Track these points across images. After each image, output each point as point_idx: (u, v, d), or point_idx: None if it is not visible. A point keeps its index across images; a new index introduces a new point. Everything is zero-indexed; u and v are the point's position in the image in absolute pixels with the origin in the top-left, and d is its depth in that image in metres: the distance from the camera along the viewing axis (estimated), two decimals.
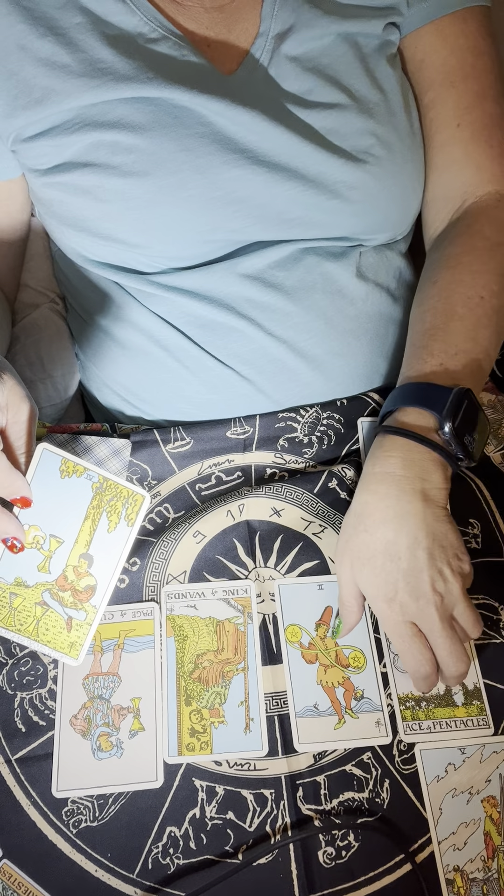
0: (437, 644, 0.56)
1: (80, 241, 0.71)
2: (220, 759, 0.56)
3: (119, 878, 0.53)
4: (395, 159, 0.69)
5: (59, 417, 0.83)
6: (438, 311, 0.66)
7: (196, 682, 0.59)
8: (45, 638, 0.56)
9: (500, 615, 0.62)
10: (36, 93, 0.64)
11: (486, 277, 0.66)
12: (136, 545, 0.64)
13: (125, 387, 0.77)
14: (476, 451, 0.61)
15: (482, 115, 0.71)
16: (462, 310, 0.65)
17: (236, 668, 0.59)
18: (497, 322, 0.66)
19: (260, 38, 0.68)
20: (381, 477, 0.59)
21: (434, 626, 0.55)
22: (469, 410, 0.60)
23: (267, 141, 0.65)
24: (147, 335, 0.73)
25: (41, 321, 0.82)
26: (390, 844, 0.54)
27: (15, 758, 0.56)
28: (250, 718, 0.57)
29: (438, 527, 0.57)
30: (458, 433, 0.58)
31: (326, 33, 0.67)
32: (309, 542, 0.65)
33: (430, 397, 0.60)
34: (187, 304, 0.70)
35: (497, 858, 0.54)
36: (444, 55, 0.71)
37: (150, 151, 0.64)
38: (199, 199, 0.65)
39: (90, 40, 0.65)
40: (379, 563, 0.56)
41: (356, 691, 0.59)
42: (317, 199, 0.66)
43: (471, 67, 0.71)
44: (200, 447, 0.69)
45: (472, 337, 0.64)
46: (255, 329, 0.70)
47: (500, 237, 0.69)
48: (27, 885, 0.53)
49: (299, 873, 0.53)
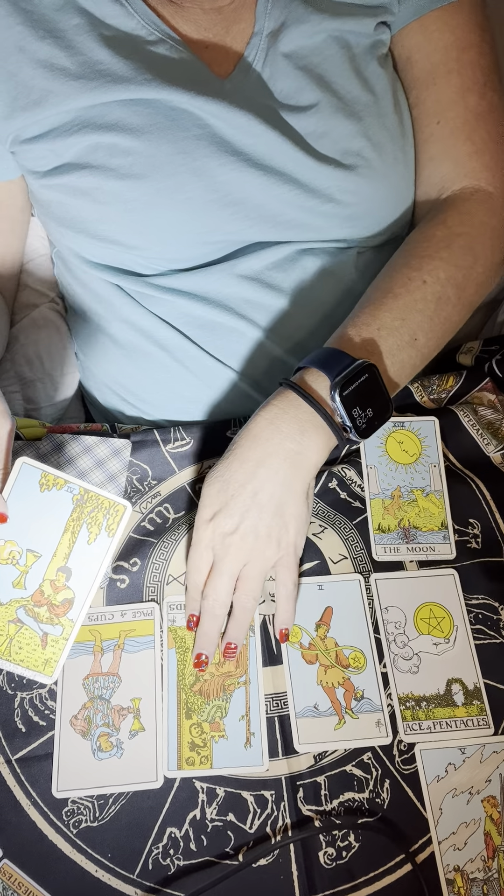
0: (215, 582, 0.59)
1: (78, 242, 0.71)
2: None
3: (119, 879, 0.53)
4: (387, 160, 0.68)
5: (59, 417, 0.83)
6: (379, 288, 0.66)
7: (197, 695, 0.58)
8: (19, 657, 0.55)
9: (500, 615, 0.62)
10: (34, 94, 0.64)
11: (435, 264, 0.66)
12: (136, 545, 0.64)
13: (125, 387, 0.77)
14: (367, 429, 0.60)
15: (464, 110, 0.70)
16: (400, 289, 0.64)
17: (237, 682, 0.59)
18: (435, 310, 0.64)
19: (255, 37, 0.68)
20: (261, 423, 0.59)
21: (226, 566, 0.58)
22: (368, 385, 0.59)
23: (262, 144, 0.65)
24: (146, 335, 0.73)
25: (41, 321, 0.82)
26: (391, 845, 0.54)
27: (15, 758, 0.56)
28: (251, 733, 0.57)
29: (284, 492, 0.58)
30: (346, 403, 0.58)
31: (318, 31, 0.67)
32: (309, 543, 0.65)
33: (330, 362, 0.59)
34: (186, 305, 0.70)
35: (497, 858, 0.54)
36: (427, 52, 0.70)
37: (147, 154, 0.64)
38: (197, 201, 0.65)
39: (88, 42, 0.65)
40: (217, 487, 0.59)
41: (356, 692, 0.59)
42: (311, 203, 0.66)
43: (455, 62, 0.70)
44: (200, 447, 0.69)
45: (402, 317, 0.63)
46: (255, 329, 0.70)
47: (461, 228, 0.68)
48: (27, 885, 0.53)
49: (300, 874, 0.53)
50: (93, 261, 0.72)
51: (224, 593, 0.59)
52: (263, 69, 0.67)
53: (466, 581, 0.64)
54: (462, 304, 0.66)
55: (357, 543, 0.65)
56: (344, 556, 0.64)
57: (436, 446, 0.70)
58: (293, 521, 0.59)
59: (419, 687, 0.59)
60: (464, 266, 0.66)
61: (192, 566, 0.60)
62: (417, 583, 0.64)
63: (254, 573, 0.59)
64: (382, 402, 0.61)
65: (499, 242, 0.70)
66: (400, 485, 0.68)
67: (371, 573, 0.64)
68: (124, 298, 0.72)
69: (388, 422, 0.70)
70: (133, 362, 0.75)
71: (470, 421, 0.72)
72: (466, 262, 0.67)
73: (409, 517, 0.67)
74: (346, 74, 0.67)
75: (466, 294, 0.67)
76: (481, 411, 0.73)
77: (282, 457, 0.58)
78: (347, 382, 0.58)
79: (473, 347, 0.82)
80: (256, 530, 0.58)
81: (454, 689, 0.59)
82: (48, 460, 0.66)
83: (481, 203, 0.70)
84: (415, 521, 0.66)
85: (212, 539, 0.59)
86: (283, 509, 0.58)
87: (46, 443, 0.67)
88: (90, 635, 0.60)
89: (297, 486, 0.59)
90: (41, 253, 0.83)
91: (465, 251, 0.67)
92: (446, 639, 0.61)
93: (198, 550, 0.60)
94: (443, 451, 0.70)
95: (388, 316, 0.63)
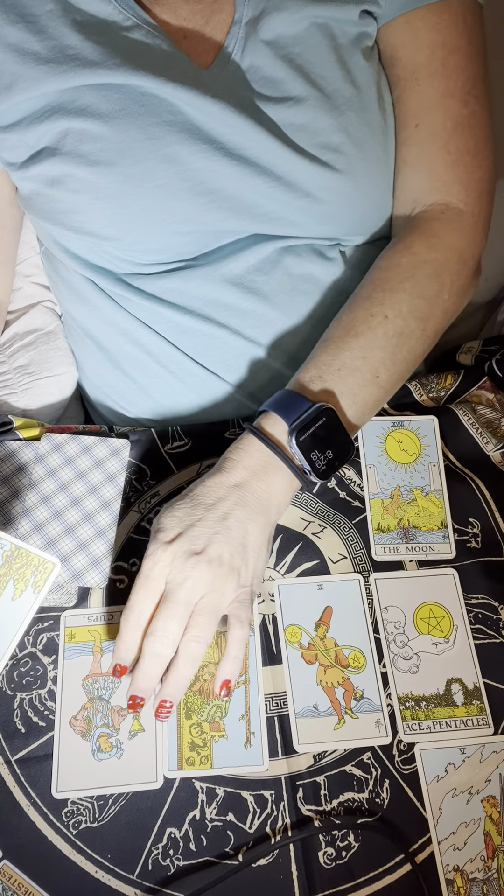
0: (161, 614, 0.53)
1: (57, 236, 0.70)
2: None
3: (119, 879, 0.53)
4: (367, 158, 0.66)
5: (58, 417, 0.83)
6: (341, 324, 0.64)
7: (197, 694, 0.58)
8: None
9: (500, 614, 0.62)
10: (5, 78, 0.64)
11: (398, 297, 0.64)
12: (135, 545, 0.64)
13: (116, 390, 0.77)
14: (326, 470, 0.59)
15: (444, 116, 0.67)
16: (361, 327, 0.63)
17: (237, 681, 0.59)
18: (397, 345, 0.63)
19: (234, 25, 0.66)
20: (227, 463, 0.59)
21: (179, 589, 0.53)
22: (326, 427, 0.59)
23: (237, 135, 0.64)
24: (131, 339, 0.72)
25: (38, 319, 0.82)
26: (390, 844, 0.54)
27: (15, 758, 0.56)
28: (251, 732, 0.57)
29: (250, 524, 0.56)
30: (303, 448, 0.58)
31: (300, 18, 0.65)
32: (308, 542, 0.65)
33: (288, 407, 0.59)
34: (165, 312, 0.69)
35: (497, 858, 0.54)
36: (412, 50, 0.67)
37: (116, 139, 0.63)
38: (167, 188, 0.64)
39: (60, 27, 0.64)
40: (184, 511, 0.56)
41: (356, 691, 0.59)
42: (287, 197, 0.65)
43: (440, 64, 0.67)
44: (199, 447, 0.69)
45: (363, 356, 0.62)
46: (236, 337, 0.69)
47: (428, 255, 0.66)
48: (27, 885, 0.53)
49: (299, 874, 0.53)
50: (73, 253, 0.71)
51: (176, 627, 0.53)
52: (243, 58, 0.66)
53: (466, 580, 0.64)
54: (426, 336, 0.65)
55: (356, 543, 0.65)
56: (343, 555, 0.64)
57: (435, 445, 0.70)
58: (252, 557, 0.56)
59: (419, 687, 0.59)
60: (429, 296, 0.65)
61: (135, 599, 0.54)
62: (417, 582, 0.64)
63: (210, 608, 0.53)
64: (343, 443, 0.60)
65: (465, 267, 0.68)
66: (399, 484, 0.68)
67: (370, 573, 0.64)
68: (107, 300, 0.72)
69: (388, 420, 0.71)
70: (118, 366, 0.74)
71: (469, 420, 0.72)
72: (432, 290, 0.65)
73: (409, 517, 0.67)
74: (329, 65, 0.65)
75: (431, 324, 0.66)
76: (480, 410, 0.73)
77: (252, 492, 0.57)
78: (304, 427, 0.58)
79: (473, 347, 0.82)
80: (221, 558, 0.54)
81: (454, 689, 0.59)
82: (47, 460, 0.67)
83: (449, 223, 0.68)
84: (414, 520, 0.66)
85: (171, 562, 0.54)
86: (246, 541, 0.56)
87: (45, 443, 0.67)
88: (89, 636, 0.60)
89: (261, 521, 0.57)
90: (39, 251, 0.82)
91: (430, 280, 0.65)
92: (446, 638, 0.61)
93: (149, 579, 0.54)
94: (442, 451, 0.70)
95: (348, 355, 0.62)
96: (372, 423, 0.70)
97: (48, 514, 0.64)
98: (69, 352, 0.83)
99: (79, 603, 0.62)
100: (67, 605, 0.62)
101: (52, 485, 0.66)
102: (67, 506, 0.65)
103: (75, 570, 0.62)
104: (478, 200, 0.69)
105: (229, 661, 0.55)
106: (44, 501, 0.65)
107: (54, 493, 0.65)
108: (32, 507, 0.65)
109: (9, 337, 0.81)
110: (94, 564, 0.63)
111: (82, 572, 0.62)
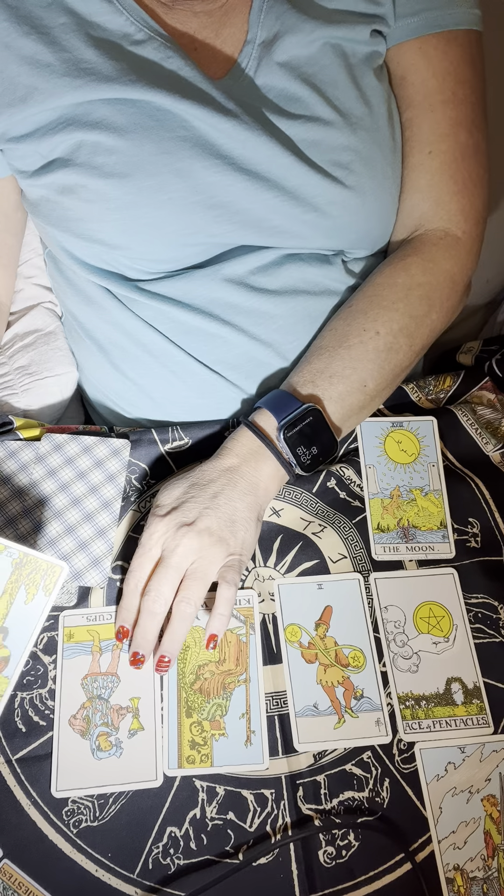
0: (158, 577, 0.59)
1: (65, 242, 0.70)
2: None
3: (119, 878, 0.53)
4: (376, 175, 0.68)
5: (58, 417, 0.83)
6: (336, 333, 0.68)
7: (197, 693, 0.58)
8: None
9: (500, 614, 0.62)
10: (20, 91, 0.64)
11: (390, 315, 0.68)
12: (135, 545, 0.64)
13: (115, 391, 0.77)
14: (311, 464, 0.65)
15: (454, 145, 0.70)
16: (354, 340, 0.67)
17: (238, 680, 0.59)
18: (386, 358, 0.67)
19: (247, 45, 0.67)
20: (223, 451, 0.64)
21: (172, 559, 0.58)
22: (313, 426, 0.64)
23: (248, 149, 0.65)
24: (133, 339, 0.73)
25: (39, 320, 0.82)
26: (390, 844, 0.54)
27: (15, 758, 0.56)
28: (251, 731, 0.57)
29: (238, 504, 0.61)
30: (290, 443, 0.63)
31: (312, 39, 0.66)
32: (308, 542, 0.65)
33: (279, 405, 0.65)
34: (170, 311, 0.70)
35: (497, 857, 0.54)
36: (424, 76, 0.70)
37: (130, 153, 0.64)
38: (179, 202, 0.65)
39: (74, 41, 0.64)
40: (181, 489, 0.62)
41: (356, 690, 0.59)
42: (295, 211, 0.66)
43: (451, 93, 0.69)
44: (198, 447, 0.69)
45: (353, 366, 0.66)
46: (239, 334, 0.70)
47: (422, 277, 0.69)
48: (28, 885, 0.53)
49: (300, 873, 0.53)
50: (80, 259, 0.72)
51: (168, 588, 0.58)
52: (257, 76, 0.67)
53: (466, 580, 0.64)
54: (413, 351, 0.69)
55: (356, 543, 0.65)
56: (343, 555, 0.64)
57: (434, 446, 0.70)
58: (241, 531, 0.60)
59: (419, 686, 0.59)
60: (418, 315, 0.69)
61: (136, 564, 0.60)
62: (417, 582, 0.64)
63: (199, 573, 0.59)
64: (327, 441, 0.65)
65: (456, 290, 0.72)
66: (399, 484, 0.68)
67: (370, 572, 0.64)
68: (112, 301, 0.72)
69: (387, 421, 0.71)
70: (118, 368, 0.75)
71: (469, 420, 0.72)
72: (422, 310, 0.69)
73: (409, 516, 0.67)
74: (342, 85, 0.67)
75: (418, 341, 0.70)
76: (480, 410, 0.73)
77: (241, 476, 0.62)
78: (293, 424, 0.63)
79: (473, 347, 0.83)
80: (210, 529, 0.59)
81: (454, 688, 0.59)
82: (48, 460, 0.67)
83: (447, 249, 0.71)
84: (414, 520, 0.67)
85: (165, 531, 0.59)
86: (235, 516, 0.60)
87: (45, 443, 0.68)
88: (88, 635, 0.60)
89: (250, 500, 0.62)
90: (40, 252, 0.83)
91: (421, 301, 0.69)
92: (446, 638, 0.61)
93: (147, 545, 0.60)
94: (442, 451, 0.70)
95: (339, 365, 0.66)
96: (371, 424, 0.71)
97: (49, 514, 0.64)
98: (69, 352, 0.83)
99: (79, 602, 0.62)
100: (68, 605, 0.62)
101: (53, 485, 0.66)
102: (68, 505, 0.65)
103: (76, 569, 0.63)
104: (474, 227, 0.72)
105: (216, 618, 0.59)
106: (44, 501, 0.65)
107: (55, 493, 0.65)
108: (33, 506, 0.65)
109: (9, 338, 0.81)
110: (95, 564, 0.63)
111: (83, 572, 0.63)
